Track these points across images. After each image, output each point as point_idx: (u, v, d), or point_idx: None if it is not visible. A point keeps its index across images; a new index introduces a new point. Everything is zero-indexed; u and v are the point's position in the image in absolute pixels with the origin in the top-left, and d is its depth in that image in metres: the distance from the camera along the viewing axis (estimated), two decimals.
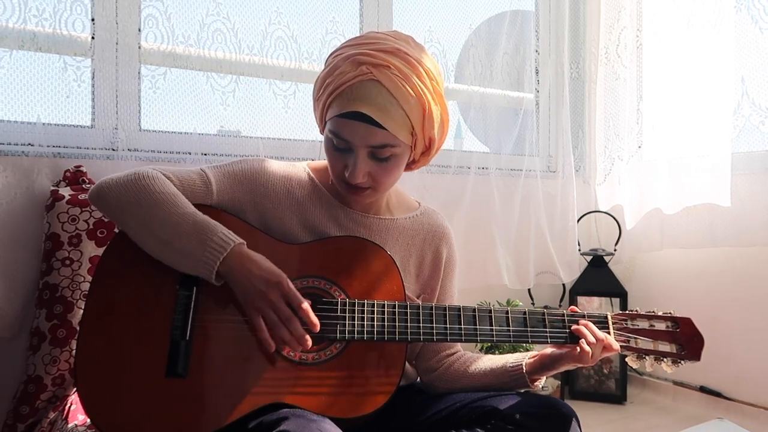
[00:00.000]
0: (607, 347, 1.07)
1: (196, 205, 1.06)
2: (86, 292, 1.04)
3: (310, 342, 0.97)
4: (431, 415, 1.11)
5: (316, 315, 1.02)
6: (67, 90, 1.51)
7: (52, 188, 1.39)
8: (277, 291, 0.97)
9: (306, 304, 0.98)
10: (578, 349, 1.05)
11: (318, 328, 0.98)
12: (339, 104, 1.02)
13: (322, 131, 1.11)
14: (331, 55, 1.08)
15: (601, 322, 1.11)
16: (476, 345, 1.85)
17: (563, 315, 1.10)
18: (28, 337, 1.34)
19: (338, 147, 1.05)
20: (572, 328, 1.08)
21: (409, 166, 1.13)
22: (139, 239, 1.02)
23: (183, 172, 1.09)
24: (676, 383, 2.18)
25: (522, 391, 1.11)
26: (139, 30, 1.60)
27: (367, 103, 0.99)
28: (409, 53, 1.03)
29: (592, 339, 1.06)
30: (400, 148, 1.05)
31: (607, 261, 2.25)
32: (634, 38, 2.19)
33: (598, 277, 2.23)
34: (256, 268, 0.98)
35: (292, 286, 0.98)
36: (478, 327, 1.07)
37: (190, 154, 1.65)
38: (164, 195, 1.02)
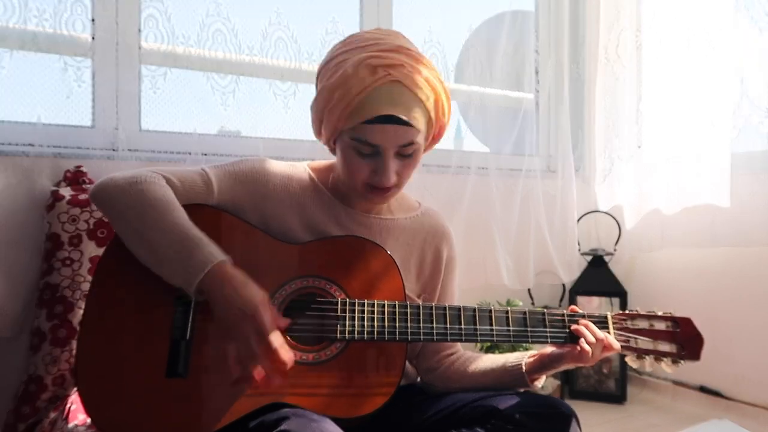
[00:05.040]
0: (607, 347, 1.07)
1: (198, 205, 1.06)
2: (86, 292, 1.04)
3: (252, 384, 0.93)
4: (431, 414, 1.11)
5: (317, 315, 1.01)
6: (67, 90, 1.51)
7: (53, 188, 1.39)
8: (250, 325, 0.92)
9: (277, 342, 0.92)
10: (578, 348, 1.05)
11: (287, 367, 0.92)
12: (363, 111, 1.00)
13: (330, 141, 1.10)
14: (327, 63, 1.06)
15: (601, 322, 1.11)
16: (476, 344, 1.85)
17: (563, 315, 1.10)
18: (28, 337, 1.34)
19: (364, 153, 1.04)
20: (572, 327, 1.08)
21: None
22: (129, 243, 1.01)
23: (184, 173, 1.08)
24: (675, 383, 2.18)
25: (522, 390, 1.11)
26: (140, 30, 1.60)
27: (393, 104, 1.00)
28: (409, 47, 1.05)
29: (591, 339, 1.06)
30: (420, 141, 1.06)
31: (606, 261, 2.26)
32: (633, 38, 2.20)
33: (597, 277, 2.24)
34: (234, 294, 0.94)
35: (266, 317, 0.93)
36: (478, 327, 1.07)
37: (190, 154, 1.65)
38: (159, 201, 0.99)
